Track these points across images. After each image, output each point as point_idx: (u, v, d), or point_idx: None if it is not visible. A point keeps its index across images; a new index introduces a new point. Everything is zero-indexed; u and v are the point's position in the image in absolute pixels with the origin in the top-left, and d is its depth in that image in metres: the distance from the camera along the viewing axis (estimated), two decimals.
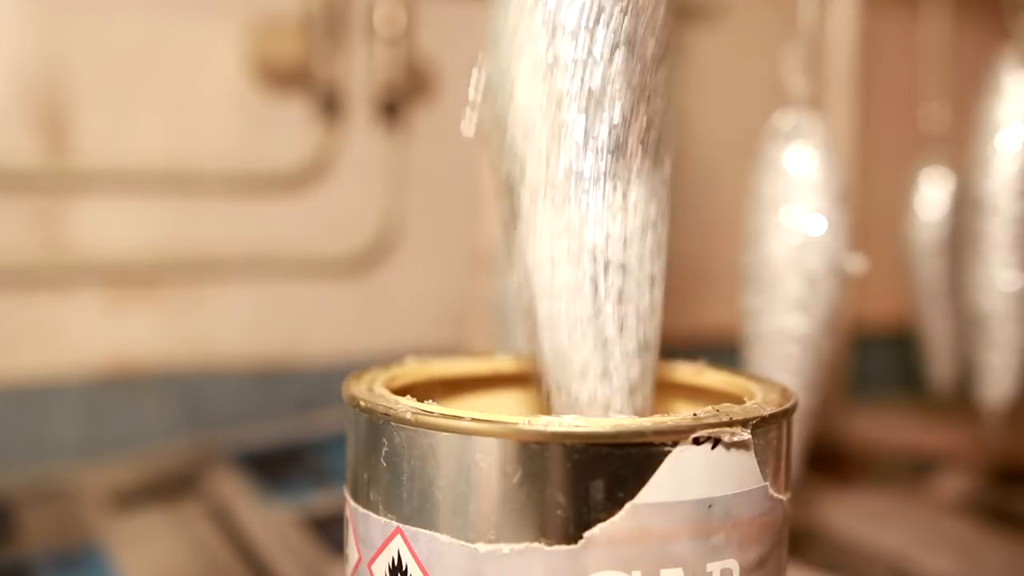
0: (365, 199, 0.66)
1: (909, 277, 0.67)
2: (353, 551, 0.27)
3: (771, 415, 0.26)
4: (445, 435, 0.25)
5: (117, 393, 0.61)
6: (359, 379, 0.30)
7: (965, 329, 0.55)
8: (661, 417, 0.25)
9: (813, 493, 0.56)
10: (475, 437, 0.24)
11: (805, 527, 0.51)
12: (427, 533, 0.25)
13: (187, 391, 0.62)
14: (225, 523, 0.51)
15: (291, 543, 0.48)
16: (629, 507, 0.24)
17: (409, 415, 0.25)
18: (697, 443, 0.24)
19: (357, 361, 0.35)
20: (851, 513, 0.54)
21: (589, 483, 0.24)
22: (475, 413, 0.25)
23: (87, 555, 0.47)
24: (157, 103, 0.61)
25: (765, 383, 0.30)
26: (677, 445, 0.24)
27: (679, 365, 0.33)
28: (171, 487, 0.55)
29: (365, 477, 0.27)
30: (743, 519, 0.25)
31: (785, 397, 0.28)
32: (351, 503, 0.28)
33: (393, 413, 0.26)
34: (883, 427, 0.73)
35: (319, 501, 0.53)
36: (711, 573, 0.25)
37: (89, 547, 0.48)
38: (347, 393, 0.28)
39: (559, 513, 0.24)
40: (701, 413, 0.25)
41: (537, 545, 0.24)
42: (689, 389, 0.33)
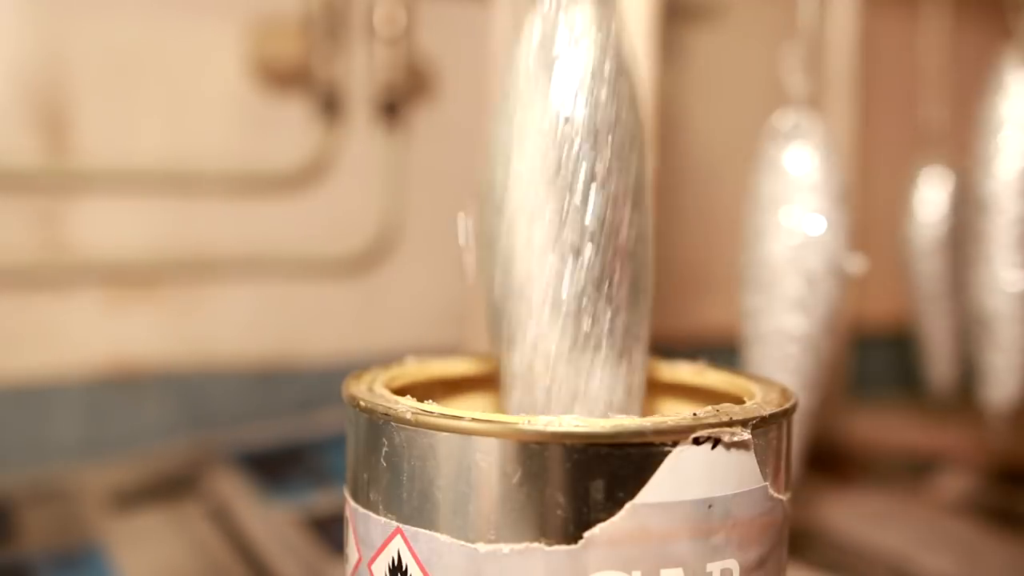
0: (365, 199, 0.66)
1: (909, 277, 0.67)
2: (353, 551, 0.27)
3: (771, 415, 0.26)
4: (445, 435, 0.25)
5: (117, 393, 0.61)
6: (359, 379, 0.30)
7: (969, 330, 0.55)
8: (661, 417, 0.25)
9: (813, 493, 0.56)
10: (475, 437, 0.24)
11: (805, 527, 0.51)
12: (427, 533, 0.25)
13: (187, 391, 0.62)
14: (225, 523, 0.51)
15: (291, 543, 0.48)
16: (629, 507, 0.24)
17: (409, 415, 0.25)
18: (697, 443, 0.24)
19: (357, 361, 0.35)
20: (851, 513, 0.54)
21: (589, 483, 0.24)
22: (475, 413, 0.25)
23: (87, 555, 0.47)
24: (157, 103, 0.61)
25: (765, 383, 0.30)
26: (677, 445, 0.24)
27: (679, 365, 0.33)
28: (171, 487, 0.55)
29: (365, 477, 0.27)
30: (743, 519, 0.25)
31: (785, 397, 0.28)
32: (351, 503, 0.28)
33: (393, 413, 0.26)
34: (883, 427, 0.73)
35: (319, 501, 0.53)
36: (711, 573, 0.25)
37: (89, 547, 0.48)
38: (347, 393, 0.28)
39: (559, 513, 0.24)
40: (701, 413, 0.25)
41: (537, 545, 0.24)
42: (689, 389, 0.33)
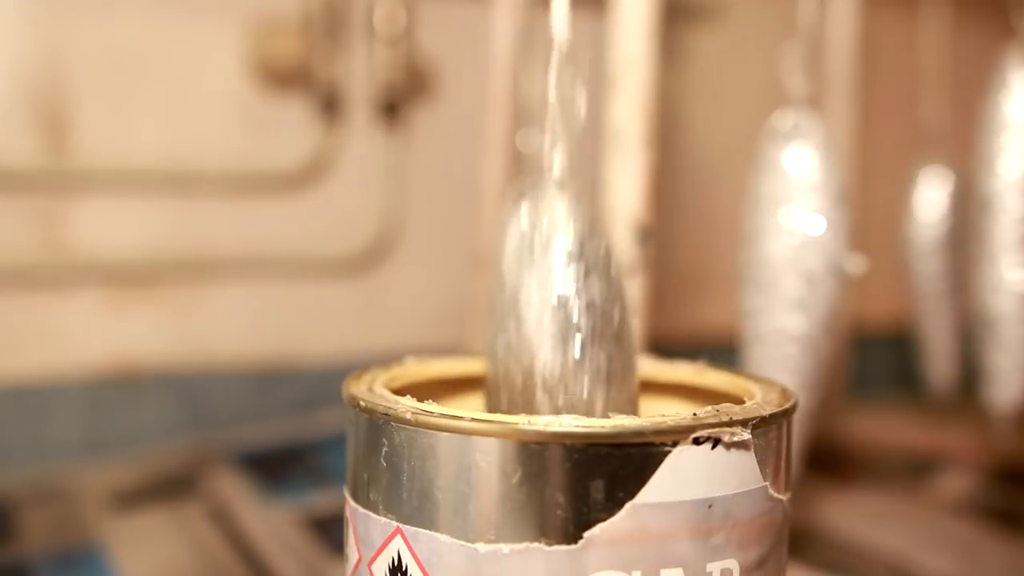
0: (365, 199, 0.66)
1: (909, 277, 0.67)
2: (353, 551, 0.27)
3: (771, 415, 0.26)
4: (445, 435, 0.25)
5: (117, 393, 0.61)
6: (359, 379, 0.30)
7: (973, 331, 0.55)
8: (661, 417, 0.25)
9: (813, 493, 0.56)
10: (475, 437, 0.24)
11: (805, 527, 0.51)
12: (427, 533, 0.25)
13: (187, 391, 0.62)
14: (225, 523, 0.51)
15: (291, 543, 0.48)
16: (629, 507, 0.24)
17: (409, 415, 0.25)
18: (697, 443, 0.24)
19: (357, 361, 0.35)
20: (851, 513, 0.54)
21: (589, 483, 0.24)
22: (475, 413, 0.25)
23: (87, 555, 0.47)
24: (157, 103, 0.61)
25: (765, 383, 0.30)
26: (677, 445, 0.24)
27: (679, 365, 0.33)
28: (171, 487, 0.55)
29: (365, 477, 0.27)
30: (743, 519, 0.25)
31: (785, 397, 0.28)
32: (351, 503, 0.28)
33: (393, 413, 0.26)
34: (883, 427, 0.73)
35: (319, 501, 0.53)
36: (711, 573, 0.25)
37: (89, 547, 0.48)
38: (347, 393, 0.28)
39: (559, 513, 0.24)
40: (701, 413, 0.25)
41: (537, 545, 0.24)
42: (689, 389, 0.33)
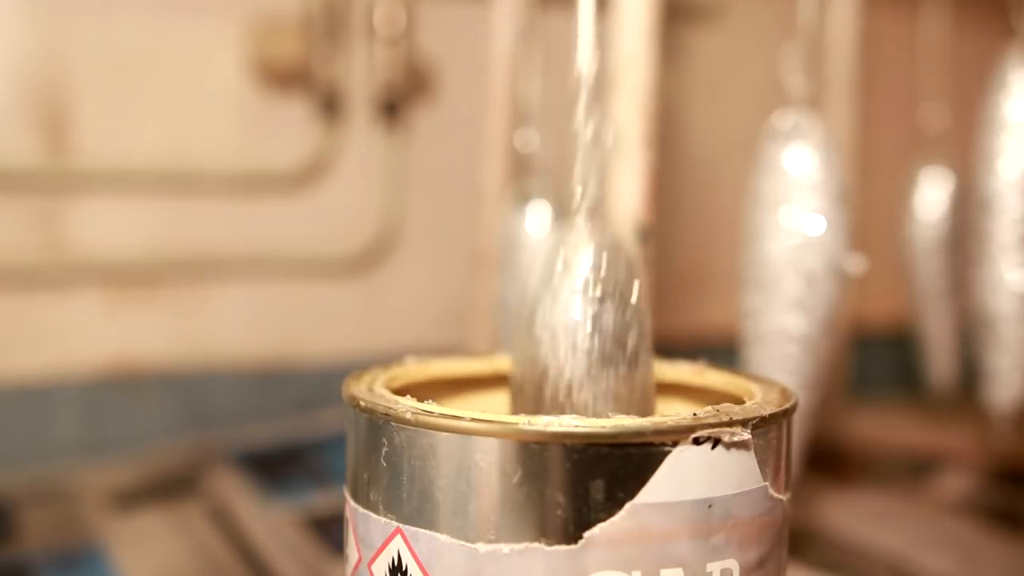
0: (365, 199, 0.66)
1: (909, 277, 0.67)
2: (353, 551, 0.27)
3: (771, 415, 0.26)
4: (445, 435, 0.25)
5: (117, 393, 0.61)
6: (359, 379, 0.30)
7: (973, 330, 0.55)
8: (661, 417, 0.25)
9: (813, 493, 0.56)
10: (475, 437, 0.24)
11: (805, 527, 0.51)
12: (427, 533, 0.25)
13: (187, 391, 0.62)
14: (225, 523, 0.51)
15: (291, 543, 0.48)
16: (629, 507, 0.24)
17: (409, 415, 0.25)
18: (697, 443, 0.24)
19: (357, 361, 0.35)
20: (851, 513, 0.54)
21: (589, 483, 0.24)
22: (475, 413, 0.25)
23: (87, 555, 0.47)
24: (157, 103, 0.61)
25: (765, 383, 0.30)
26: (677, 445, 0.24)
27: (679, 365, 0.33)
28: (171, 487, 0.55)
29: (365, 477, 0.27)
30: (743, 519, 0.25)
31: (785, 397, 0.28)
32: (351, 503, 0.28)
33: (393, 413, 0.26)
34: (883, 427, 0.73)
35: (319, 501, 0.53)
36: (711, 573, 0.25)
37: (89, 547, 0.48)
38: (347, 393, 0.28)
39: (559, 513, 0.24)
40: (701, 413, 0.25)
41: (537, 545, 0.24)
42: (689, 389, 0.33)
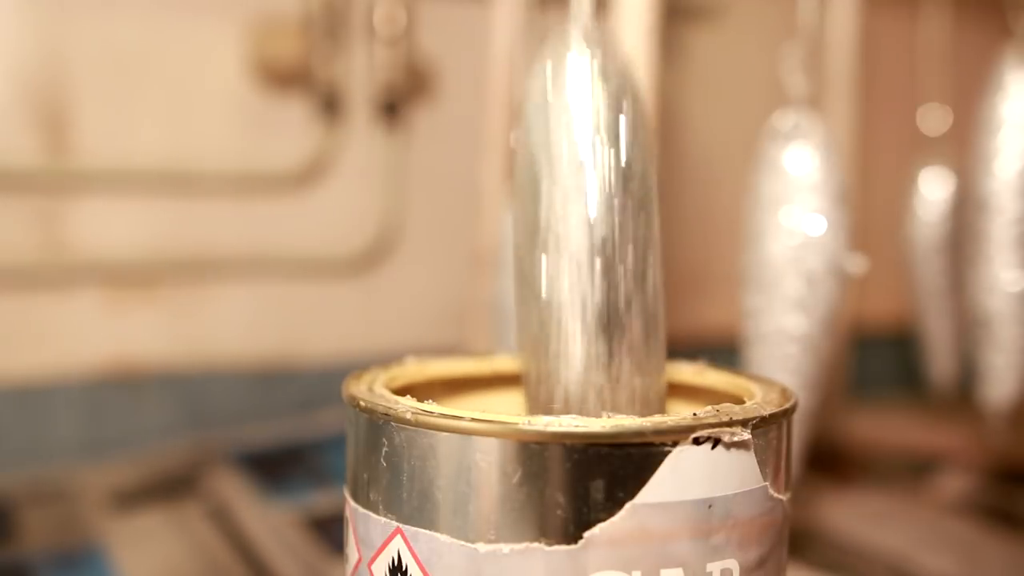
0: (365, 199, 0.66)
1: (909, 277, 0.67)
2: (353, 551, 0.27)
3: (771, 415, 0.26)
4: (445, 435, 0.25)
5: (117, 393, 0.61)
6: (359, 379, 0.30)
7: (968, 329, 0.55)
8: (661, 417, 0.25)
9: (813, 493, 0.56)
10: (475, 437, 0.24)
11: (805, 527, 0.51)
12: (427, 533, 0.25)
13: (187, 391, 0.62)
14: (225, 523, 0.51)
15: (291, 543, 0.48)
16: (629, 507, 0.24)
17: (409, 415, 0.25)
18: (697, 443, 0.24)
19: (357, 361, 0.35)
20: (851, 513, 0.54)
21: (589, 483, 0.24)
22: (475, 413, 0.25)
23: (87, 555, 0.47)
24: (157, 103, 0.61)
25: (765, 383, 0.30)
26: (677, 445, 0.24)
27: (679, 365, 0.33)
28: (171, 487, 0.55)
29: (365, 477, 0.27)
30: (743, 519, 0.25)
31: (785, 397, 0.28)
32: (351, 503, 0.28)
33: (393, 413, 0.26)
34: (883, 427, 0.73)
35: (319, 501, 0.53)
36: (711, 573, 0.25)
37: (89, 547, 0.48)
38: (347, 393, 0.28)
39: (559, 513, 0.24)
40: (701, 413, 0.25)
41: (537, 545, 0.24)
42: (689, 389, 0.33)
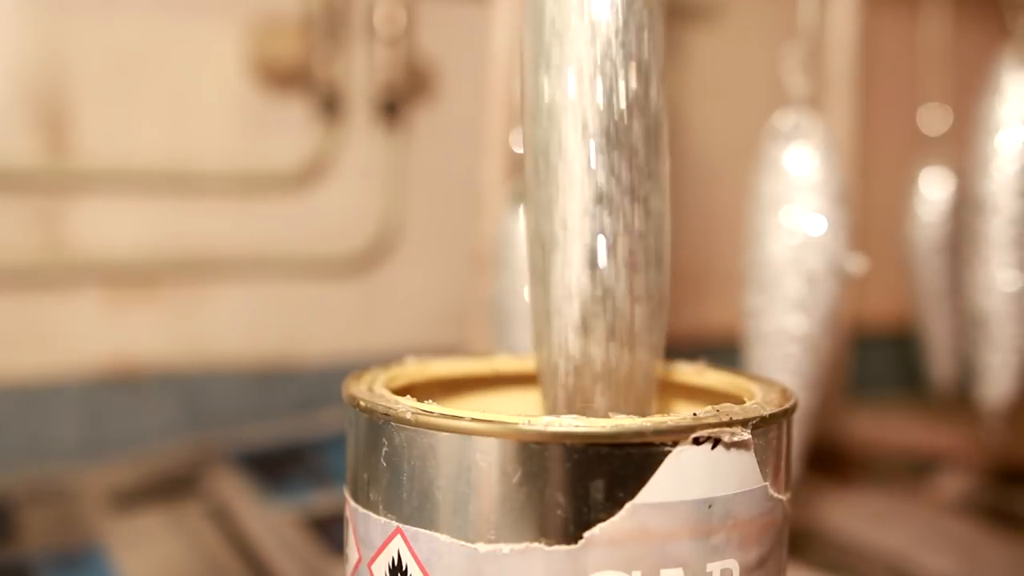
0: (365, 199, 0.66)
1: (909, 277, 0.67)
2: (353, 551, 0.27)
3: (771, 415, 0.26)
4: (445, 435, 0.25)
5: (117, 393, 0.61)
6: (359, 379, 0.30)
7: (965, 329, 0.55)
8: (661, 417, 0.25)
9: (813, 493, 0.56)
10: (475, 437, 0.24)
11: (805, 527, 0.51)
12: (427, 533, 0.25)
13: (187, 391, 0.62)
14: (225, 523, 0.51)
15: (291, 543, 0.48)
16: (629, 507, 0.24)
17: (409, 415, 0.25)
18: (697, 443, 0.24)
19: (357, 361, 0.35)
20: (851, 513, 0.54)
21: (589, 483, 0.24)
22: (475, 413, 0.25)
23: (87, 555, 0.47)
24: (157, 103, 0.61)
25: (765, 383, 0.30)
26: (677, 445, 0.24)
27: (679, 365, 0.33)
28: (171, 487, 0.55)
29: (365, 477, 0.27)
30: (743, 519, 0.25)
31: (785, 397, 0.28)
32: (351, 503, 0.28)
33: (393, 413, 0.26)
34: (883, 427, 0.73)
35: (319, 501, 0.53)
36: (711, 573, 0.25)
37: (89, 547, 0.48)
38: (347, 393, 0.28)
39: (559, 513, 0.24)
40: (701, 413, 0.25)
41: (537, 545, 0.24)
42: (689, 389, 0.33)
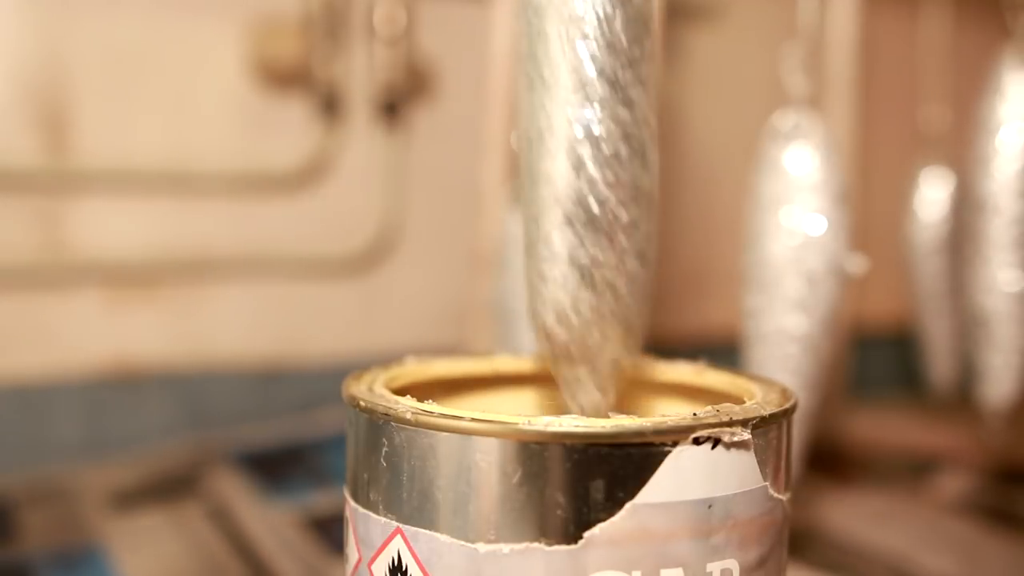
0: (365, 199, 0.66)
1: (909, 277, 0.67)
2: (353, 551, 0.27)
3: (771, 415, 0.26)
4: (445, 435, 0.25)
5: (117, 393, 0.61)
6: (359, 379, 0.30)
7: (967, 329, 0.55)
8: (661, 417, 0.25)
9: (813, 493, 0.56)
10: (475, 437, 0.24)
11: (805, 527, 0.51)
12: (427, 533, 0.25)
13: (187, 391, 0.62)
14: (225, 523, 0.51)
15: (291, 543, 0.48)
16: (629, 507, 0.24)
17: (409, 415, 0.25)
18: (697, 443, 0.24)
19: (357, 361, 0.35)
20: (851, 513, 0.54)
21: (589, 483, 0.24)
22: (475, 413, 0.25)
23: (87, 555, 0.47)
24: (157, 103, 0.61)
25: (765, 383, 0.30)
26: (677, 445, 0.24)
27: (679, 365, 0.33)
28: (171, 487, 0.55)
29: (365, 477, 0.27)
30: (743, 519, 0.25)
31: (785, 397, 0.28)
32: (351, 503, 0.28)
33: (393, 413, 0.26)
34: (883, 427, 0.73)
35: (319, 501, 0.53)
36: (711, 573, 0.25)
37: (89, 547, 0.48)
38: (347, 393, 0.28)
39: (559, 513, 0.24)
40: (701, 413, 0.25)
41: (537, 545, 0.24)
42: (689, 389, 0.33)
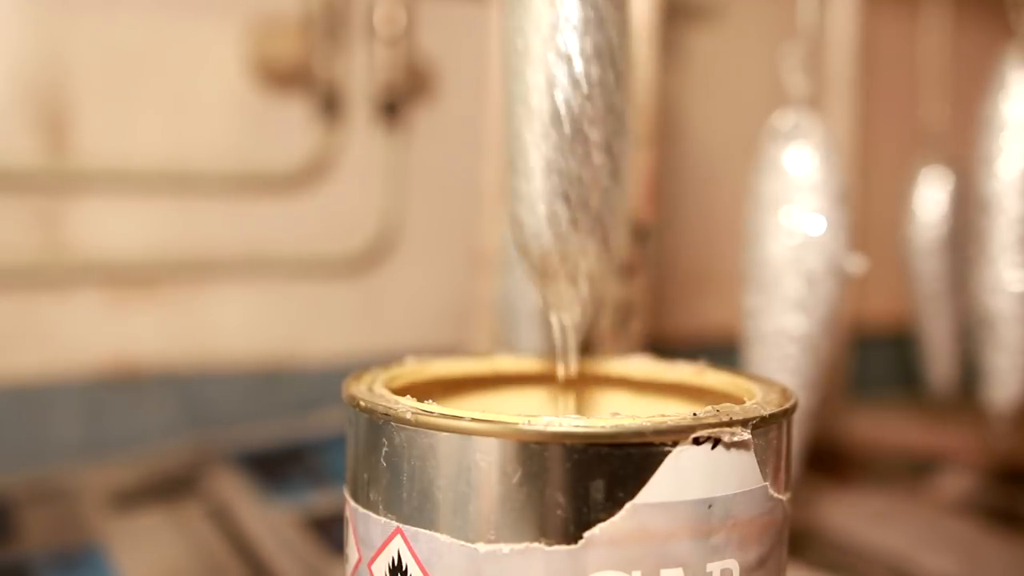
0: (365, 199, 0.66)
1: (909, 277, 0.67)
2: (353, 551, 0.27)
3: (771, 415, 0.26)
4: (445, 435, 0.25)
5: (117, 393, 0.61)
6: (359, 379, 0.30)
7: (971, 330, 0.55)
8: (661, 417, 0.25)
9: (813, 493, 0.56)
10: (475, 437, 0.24)
11: (805, 527, 0.51)
12: (427, 533, 0.25)
13: (187, 391, 0.62)
14: (225, 523, 0.51)
15: (291, 543, 0.48)
16: (629, 507, 0.24)
17: (409, 415, 0.25)
18: (697, 443, 0.24)
19: (357, 361, 0.35)
20: (851, 513, 0.54)
21: (589, 483, 0.24)
22: (475, 413, 0.25)
23: (87, 555, 0.47)
24: (157, 103, 0.61)
25: (765, 383, 0.30)
26: (677, 445, 0.24)
27: (679, 365, 0.33)
28: (171, 487, 0.55)
29: (365, 477, 0.27)
30: (743, 519, 0.25)
31: (785, 397, 0.28)
32: (351, 503, 0.28)
33: (393, 413, 0.26)
34: (883, 427, 0.73)
35: (319, 501, 0.53)
36: (711, 573, 0.25)
37: (89, 547, 0.48)
38: (347, 393, 0.28)
39: (559, 513, 0.24)
40: (701, 413, 0.25)
41: (537, 545, 0.24)
42: (689, 389, 0.33)
